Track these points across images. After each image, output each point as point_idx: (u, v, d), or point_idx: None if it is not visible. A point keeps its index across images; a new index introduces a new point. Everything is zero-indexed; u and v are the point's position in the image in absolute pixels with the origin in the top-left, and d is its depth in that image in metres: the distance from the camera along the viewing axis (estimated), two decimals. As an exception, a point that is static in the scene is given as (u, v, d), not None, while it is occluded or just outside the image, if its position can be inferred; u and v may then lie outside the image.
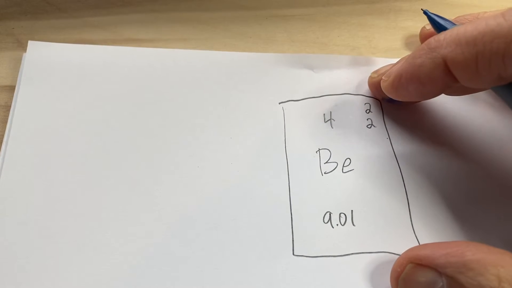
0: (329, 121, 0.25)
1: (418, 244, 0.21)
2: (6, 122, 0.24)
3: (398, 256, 0.20)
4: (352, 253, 0.21)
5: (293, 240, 0.21)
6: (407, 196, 0.23)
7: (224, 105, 0.25)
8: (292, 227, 0.22)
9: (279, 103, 0.25)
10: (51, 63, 0.25)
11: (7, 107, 0.25)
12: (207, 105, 0.25)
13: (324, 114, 0.25)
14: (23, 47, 0.27)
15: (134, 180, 0.22)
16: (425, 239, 0.22)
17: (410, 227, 0.22)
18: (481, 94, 0.26)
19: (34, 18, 0.29)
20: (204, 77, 0.26)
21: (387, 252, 0.21)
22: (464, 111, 0.25)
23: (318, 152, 0.24)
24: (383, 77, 0.23)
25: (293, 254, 0.21)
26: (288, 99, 0.25)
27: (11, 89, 0.25)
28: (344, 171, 0.23)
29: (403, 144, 0.24)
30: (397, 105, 0.25)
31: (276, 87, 0.26)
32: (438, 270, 0.18)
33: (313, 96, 0.26)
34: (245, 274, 0.20)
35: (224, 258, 0.21)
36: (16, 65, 0.26)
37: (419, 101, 0.25)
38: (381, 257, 0.21)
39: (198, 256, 0.21)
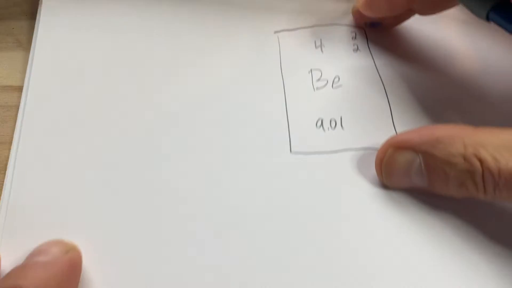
0: (320, 47, 0.28)
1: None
2: (6, 122, 0.25)
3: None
4: (342, 150, 0.24)
5: (290, 141, 0.25)
6: (389, 103, 0.26)
7: (225, 35, 0.28)
8: (289, 132, 0.25)
9: (275, 33, 0.29)
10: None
11: (7, 107, 0.25)
12: (211, 35, 0.28)
13: (315, 41, 0.28)
14: (23, 47, 0.28)
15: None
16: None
17: (392, 128, 0.25)
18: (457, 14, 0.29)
19: (34, 18, 0.29)
20: (209, 12, 0.29)
21: (371, 148, 0.24)
22: (440, 30, 0.29)
23: (310, 72, 0.27)
24: None
25: (290, 152, 0.24)
26: (282, 29, 0.29)
27: (11, 89, 0.26)
28: (333, 87, 0.27)
29: (384, 62, 0.27)
30: (379, 30, 0.28)
31: (272, 19, 0.29)
32: (414, 149, 0.21)
33: (305, 26, 0.29)
34: (250, 168, 0.24)
35: (229, 158, 0.24)
36: (16, 65, 0.27)
37: (396, 23, 0.28)
38: (366, 152, 0.24)
39: (210, 156, 0.24)
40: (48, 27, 0.28)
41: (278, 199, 0.23)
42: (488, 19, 0.22)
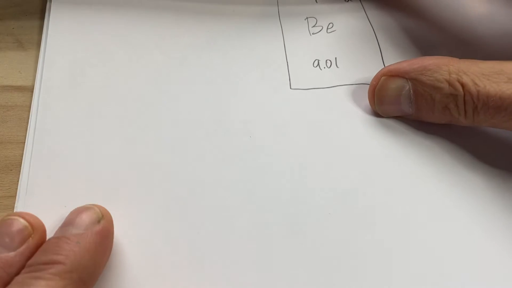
0: (314, -2, 0.31)
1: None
2: (6, 121, 0.25)
3: (373, 85, 0.26)
4: (337, 85, 0.27)
5: (289, 79, 0.27)
6: (379, 44, 0.28)
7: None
8: (288, 71, 0.27)
9: (273, -15, 0.31)
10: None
11: (7, 107, 0.26)
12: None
13: (309, -7, 0.31)
14: (23, 47, 0.28)
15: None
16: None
17: (382, 65, 0.27)
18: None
19: (34, 18, 0.29)
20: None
21: (364, 83, 0.27)
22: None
23: (306, 19, 0.30)
24: None
25: (290, 88, 0.27)
26: (279, -17, 0.31)
27: (11, 89, 0.26)
28: (328, 32, 0.29)
29: (374, 9, 0.30)
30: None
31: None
32: (404, 77, 0.24)
33: (300, -19, 0.31)
34: (254, 103, 0.26)
35: (237, 94, 0.26)
36: (16, 65, 0.27)
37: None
38: (360, 86, 0.27)
39: (218, 93, 0.26)
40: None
41: (281, 128, 0.25)
42: None
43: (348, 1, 0.30)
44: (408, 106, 0.24)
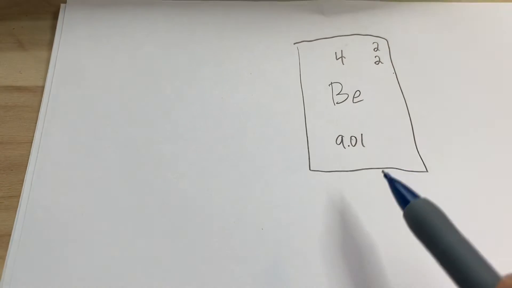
0: (340, 58, 0.27)
1: (420, 159, 0.24)
2: (6, 122, 0.25)
3: (403, 171, 0.23)
4: (363, 169, 0.24)
5: (309, 158, 0.24)
6: (411, 121, 0.25)
7: (244, 46, 0.28)
8: (308, 148, 0.24)
9: (294, 44, 0.28)
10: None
11: (8, 108, 0.25)
12: (229, 46, 0.27)
13: (335, 52, 0.28)
14: (23, 47, 0.27)
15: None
16: (427, 156, 0.24)
17: (414, 147, 0.24)
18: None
19: (34, 18, 0.29)
20: (227, 26, 0.28)
21: (393, 167, 0.24)
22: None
23: (330, 85, 0.26)
24: None
25: (310, 169, 0.24)
26: (302, 40, 0.28)
27: (11, 89, 0.26)
28: (354, 101, 0.26)
29: (407, 77, 0.27)
30: (403, 44, 0.27)
31: (291, 30, 0.28)
32: None
33: (325, 37, 0.28)
34: (267, 186, 0.23)
35: (247, 176, 0.23)
36: (16, 65, 0.27)
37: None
38: (389, 171, 0.24)
39: (227, 172, 0.23)
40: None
41: (297, 217, 0.22)
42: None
43: (378, 63, 0.27)
44: None
